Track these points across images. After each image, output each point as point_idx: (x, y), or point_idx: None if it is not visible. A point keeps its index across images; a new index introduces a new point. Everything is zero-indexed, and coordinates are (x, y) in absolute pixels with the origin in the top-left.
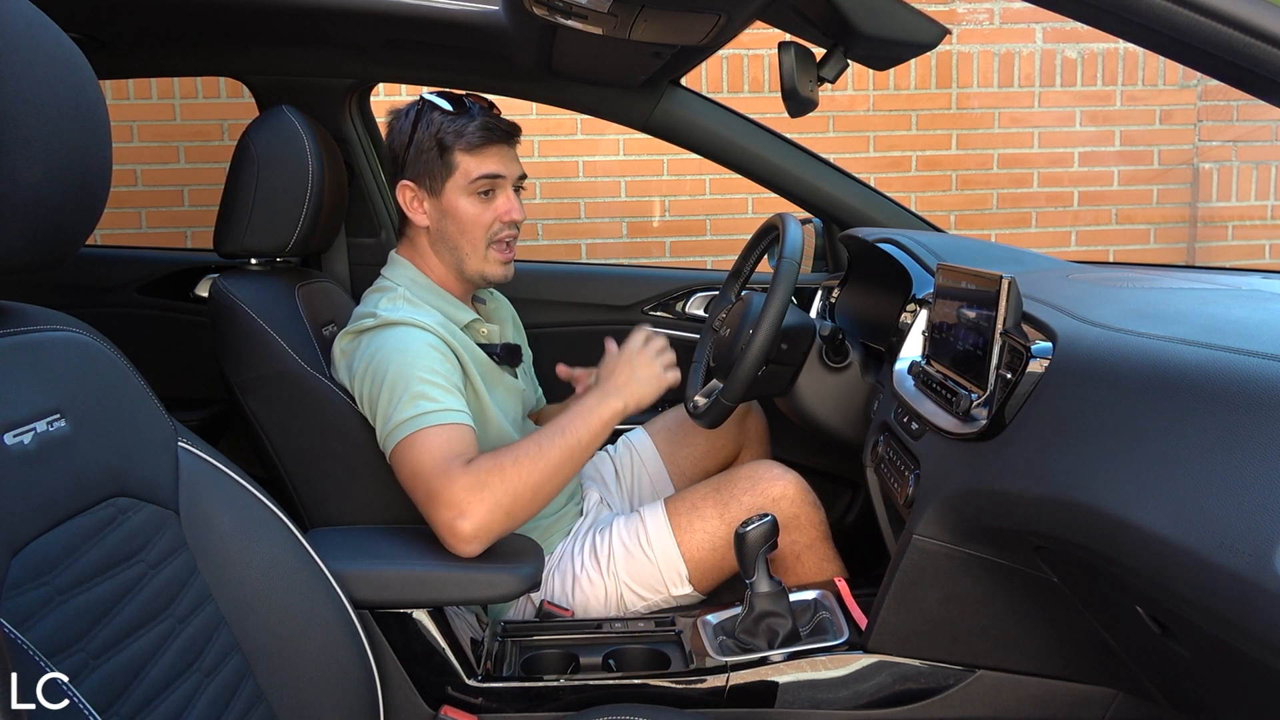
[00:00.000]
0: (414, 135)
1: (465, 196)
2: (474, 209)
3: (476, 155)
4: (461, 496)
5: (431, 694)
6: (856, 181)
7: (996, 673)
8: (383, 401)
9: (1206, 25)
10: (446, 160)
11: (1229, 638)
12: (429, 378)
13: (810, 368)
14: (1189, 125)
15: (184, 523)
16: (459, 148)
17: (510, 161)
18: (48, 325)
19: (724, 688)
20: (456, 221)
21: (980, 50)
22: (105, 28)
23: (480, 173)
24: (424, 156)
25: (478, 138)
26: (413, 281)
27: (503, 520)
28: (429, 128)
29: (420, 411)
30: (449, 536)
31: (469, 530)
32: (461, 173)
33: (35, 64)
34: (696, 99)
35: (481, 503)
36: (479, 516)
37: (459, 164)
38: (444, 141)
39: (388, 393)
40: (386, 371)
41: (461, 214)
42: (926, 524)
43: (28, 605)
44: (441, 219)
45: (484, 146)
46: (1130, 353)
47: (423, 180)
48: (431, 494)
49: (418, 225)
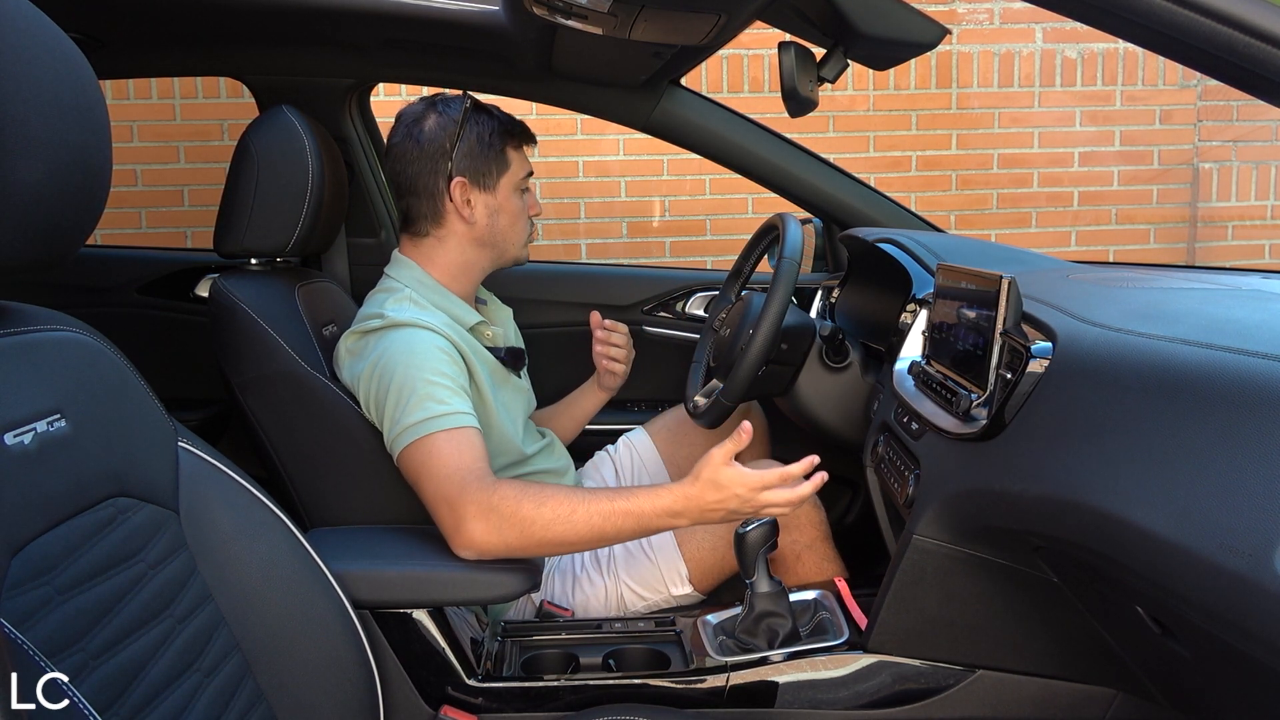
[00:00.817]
0: (463, 132)
1: (514, 192)
2: (519, 204)
3: (519, 154)
4: (471, 515)
5: (431, 694)
6: (856, 181)
7: (996, 673)
8: (390, 404)
9: (1206, 25)
10: (503, 157)
11: (1229, 638)
12: (436, 380)
13: (810, 368)
14: (1189, 125)
15: (184, 523)
16: (510, 145)
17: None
18: (48, 325)
19: (724, 688)
20: (509, 215)
21: (980, 50)
22: (105, 28)
23: (526, 170)
24: (478, 154)
25: (524, 138)
26: (419, 282)
27: (502, 551)
28: (479, 127)
29: (429, 415)
30: (450, 537)
31: (467, 544)
32: (513, 170)
33: (35, 64)
34: (696, 99)
35: (488, 530)
36: (479, 540)
37: (511, 162)
38: (496, 142)
39: (395, 395)
40: (394, 373)
41: (513, 209)
42: (926, 524)
43: (28, 605)
44: (494, 214)
45: (525, 146)
46: (1130, 353)
47: (477, 177)
48: (440, 499)
49: (464, 221)
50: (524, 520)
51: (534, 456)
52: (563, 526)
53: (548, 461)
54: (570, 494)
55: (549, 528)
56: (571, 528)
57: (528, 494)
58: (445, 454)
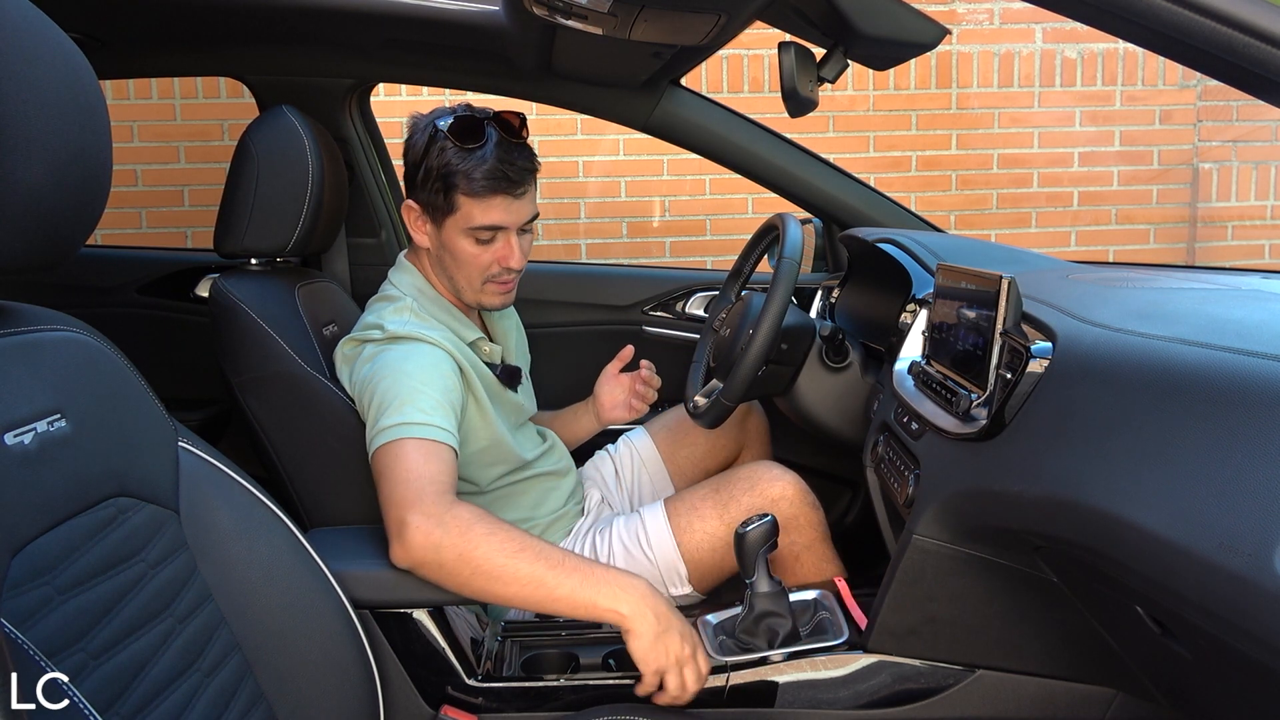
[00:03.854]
0: (424, 160)
1: (464, 237)
2: (471, 250)
3: (481, 202)
4: (417, 520)
5: (431, 694)
6: (856, 181)
7: (996, 673)
8: (374, 406)
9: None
10: (450, 199)
11: (1229, 638)
12: (424, 389)
13: (810, 368)
14: (1189, 125)
15: (184, 523)
16: (462, 190)
17: (516, 209)
18: (48, 325)
19: (724, 688)
20: (454, 257)
21: (980, 50)
22: (105, 28)
23: (481, 223)
24: (430, 185)
25: (483, 186)
26: (420, 293)
27: (434, 565)
28: (439, 157)
29: (406, 420)
30: (390, 539)
31: (403, 546)
32: (463, 215)
33: (35, 64)
34: (696, 99)
35: (428, 538)
36: (418, 546)
37: (460, 206)
38: (450, 180)
39: (380, 398)
40: (384, 380)
41: (459, 253)
42: (926, 524)
43: (28, 605)
44: (440, 248)
45: (489, 196)
46: (1130, 353)
47: (426, 208)
48: (392, 502)
49: (419, 244)
50: (469, 540)
51: (536, 460)
52: (504, 559)
53: (549, 464)
54: (525, 535)
55: (490, 556)
56: (512, 563)
57: (483, 519)
58: (412, 460)
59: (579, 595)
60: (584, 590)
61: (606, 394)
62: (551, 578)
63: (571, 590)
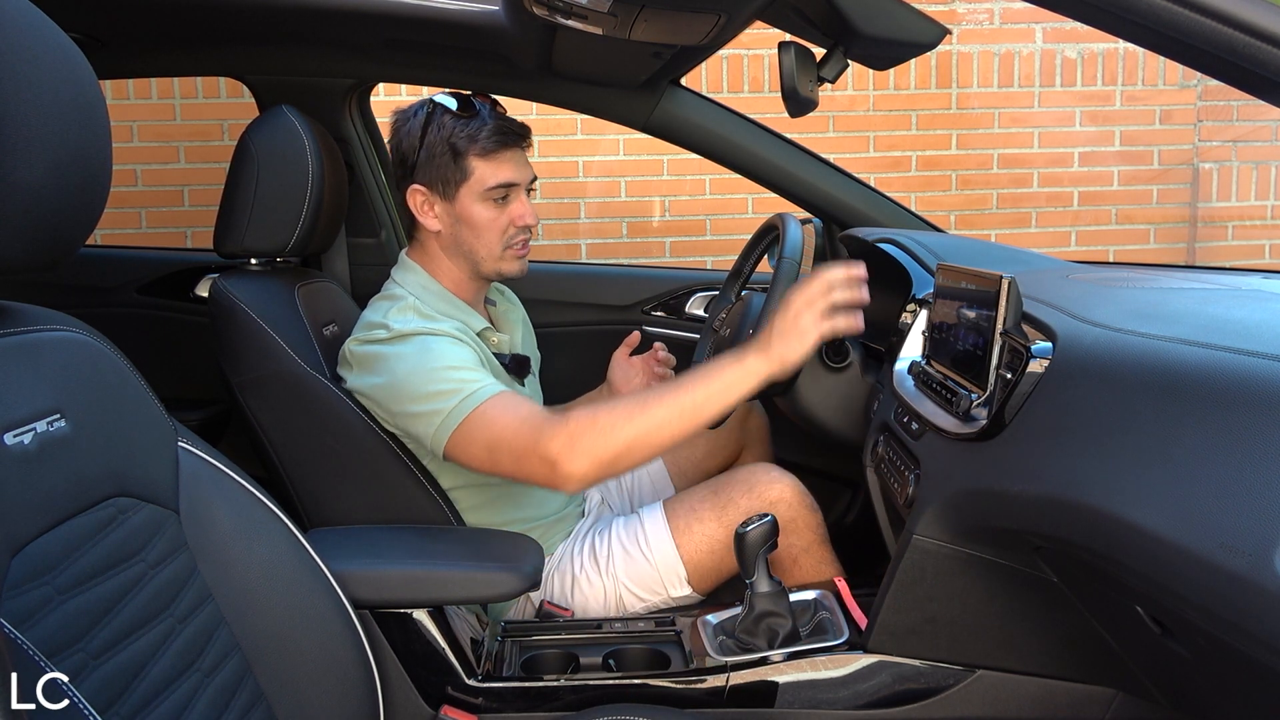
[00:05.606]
0: (424, 138)
1: (480, 202)
2: (488, 214)
3: (491, 161)
4: (558, 451)
5: (431, 694)
6: (856, 181)
7: (996, 673)
8: (422, 406)
9: (1206, 25)
10: (461, 165)
11: (1229, 638)
12: (458, 366)
13: (810, 368)
14: (1189, 125)
15: (184, 523)
16: (473, 153)
17: (523, 166)
18: (47, 325)
19: (724, 688)
20: (471, 226)
21: (980, 50)
22: (105, 28)
23: (495, 181)
24: (436, 161)
25: (492, 143)
26: (424, 289)
27: (604, 468)
28: (440, 131)
29: (464, 395)
30: (550, 483)
31: (566, 479)
32: (477, 179)
33: (35, 64)
34: (696, 99)
35: (578, 456)
36: (578, 470)
37: (474, 170)
38: (457, 146)
39: (424, 399)
40: (413, 380)
41: (476, 219)
42: (926, 524)
43: (28, 605)
44: (455, 224)
45: (498, 151)
46: (1130, 353)
47: (435, 185)
48: (521, 455)
49: (429, 230)
50: (605, 428)
51: None
52: (643, 418)
53: None
54: (635, 393)
55: (630, 423)
56: (647, 417)
57: (597, 407)
58: (500, 418)
59: (723, 398)
60: (724, 394)
61: (622, 378)
62: (688, 402)
63: (715, 400)
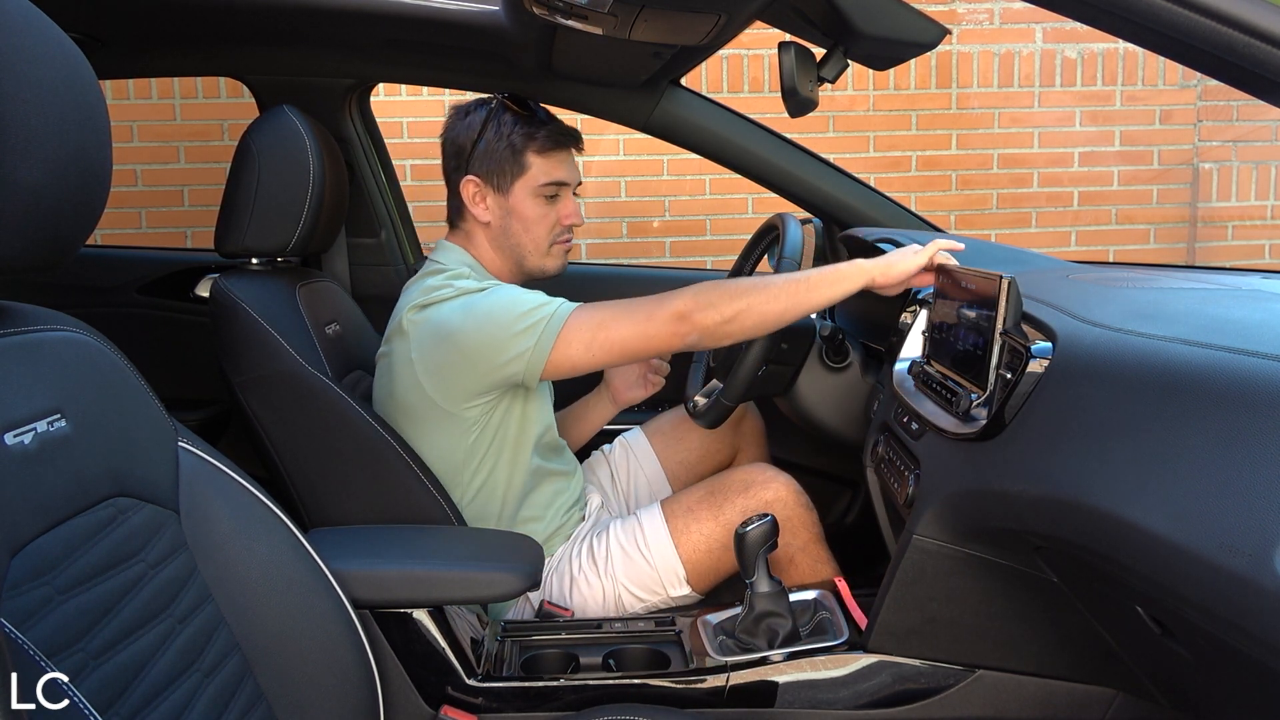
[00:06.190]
0: (484, 132)
1: (532, 197)
2: (539, 209)
3: (548, 159)
4: (684, 304)
5: (431, 694)
6: (856, 181)
7: (996, 673)
8: (517, 328)
9: (1206, 25)
10: (518, 160)
11: (1229, 638)
12: (534, 298)
13: (810, 368)
14: (1189, 125)
15: (184, 523)
16: (531, 150)
17: (573, 168)
18: (47, 325)
19: (724, 688)
20: (521, 220)
21: (980, 50)
22: (105, 28)
23: (550, 179)
24: (494, 154)
25: (550, 142)
26: (471, 266)
27: (723, 326)
28: (501, 127)
29: (555, 306)
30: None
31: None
32: (532, 175)
33: (35, 64)
34: (696, 99)
35: (705, 307)
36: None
37: (530, 165)
38: (516, 143)
39: (515, 320)
40: (490, 315)
41: (528, 213)
42: (926, 524)
43: (28, 605)
44: (506, 216)
45: (554, 151)
46: (1130, 353)
47: (490, 177)
48: (645, 318)
49: (478, 220)
50: (727, 287)
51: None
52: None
53: (560, 463)
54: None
55: (750, 288)
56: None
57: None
58: (598, 310)
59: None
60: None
61: (618, 376)
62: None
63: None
